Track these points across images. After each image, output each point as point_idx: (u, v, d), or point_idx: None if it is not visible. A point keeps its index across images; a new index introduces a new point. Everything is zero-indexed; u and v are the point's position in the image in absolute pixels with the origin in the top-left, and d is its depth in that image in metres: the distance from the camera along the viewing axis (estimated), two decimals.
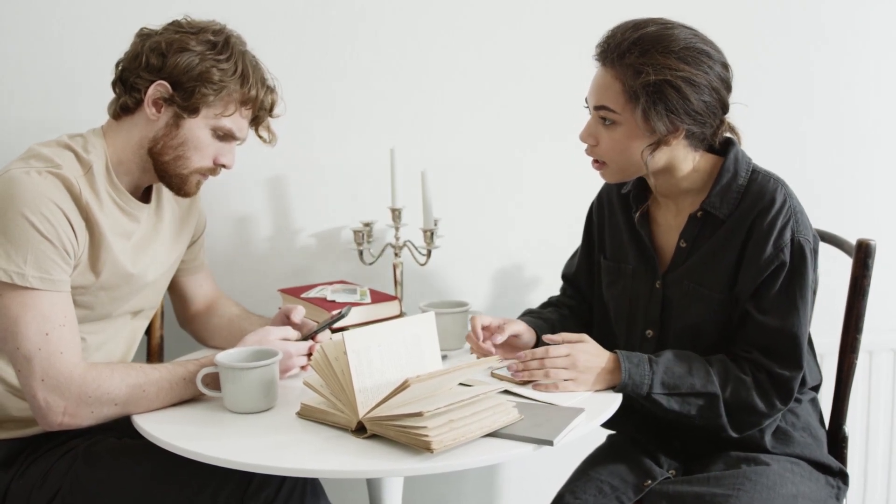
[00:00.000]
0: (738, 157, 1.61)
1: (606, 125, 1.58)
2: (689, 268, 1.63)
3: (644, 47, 1.51)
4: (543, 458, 1.43)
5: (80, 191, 1.50)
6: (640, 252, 1.71)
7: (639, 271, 1.70)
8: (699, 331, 1.62)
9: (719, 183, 1.59)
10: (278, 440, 1.38)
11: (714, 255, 1.60)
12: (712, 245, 1.60)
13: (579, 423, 1.39)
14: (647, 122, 1.53)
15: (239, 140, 1.64)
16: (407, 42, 2.14)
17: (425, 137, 2.16)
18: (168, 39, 1.56)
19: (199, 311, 1.87)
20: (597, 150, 1.61)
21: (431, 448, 1.25)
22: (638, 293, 1.70)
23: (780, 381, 1.54)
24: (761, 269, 1.54)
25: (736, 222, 1.58)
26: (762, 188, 1.58)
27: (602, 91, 1.56)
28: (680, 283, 1.63)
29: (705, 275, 1.60)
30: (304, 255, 2.17)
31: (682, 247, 1.64)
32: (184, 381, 1.50)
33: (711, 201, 1.59)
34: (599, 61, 1.58)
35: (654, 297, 1.67)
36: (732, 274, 1.58)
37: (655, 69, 1.49)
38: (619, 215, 1.77)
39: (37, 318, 1.43)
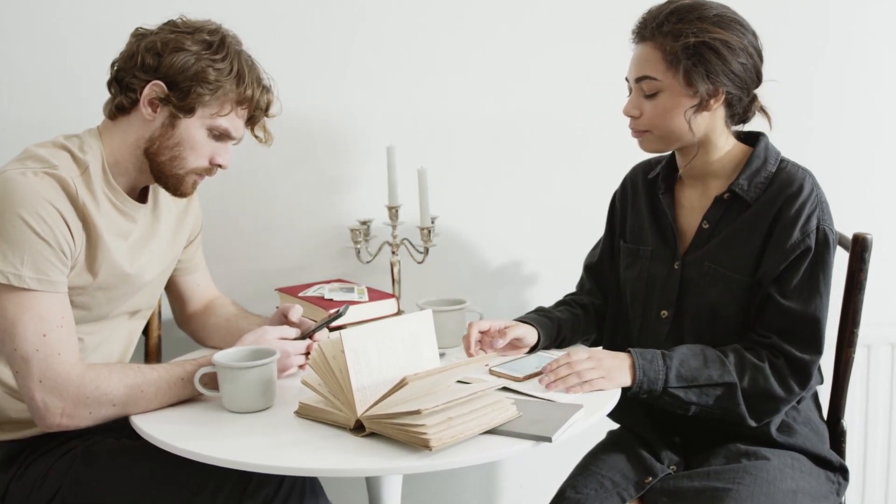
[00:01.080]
0: (767, 147, 1.67)
1: (649, 96, 1.62)
2: (710, 249, 1.65)
3: (680, 15, 1.58)
4: (542, 455, 1.43)
5: (76, 191, 1.49)
6: (661, 233, 1.74)
7: (658, 252, 1.73)
8: (717, 312, 1.63)
9: (749, 167, 1.64)
10: (277, 439, 1.38)
11: (737, 238, 1.62)
12: (736, 228, 1.63)
13: (578, 419, 1.39)
14: (690, 85, 1.58)
15: (235, 140, 1.64)
16: (405, 40, 2.14)
17: (423, 135, 2.16)
18: (164, 39, 1.56)
19: (197, 311, 1.87)
20: (640, 121, 1.65)
21: (430, 446, 1.25)
22: (655, 274, 1.72)
23: (798, 364, 1.56)
24: (787, 254, 1.57)
25: (762, 207, 1.61)
26: (791, 176, 1.62)
27: (642, 63, 1.62)
28: (699, 264, 1.65)
29: (726, 257, 1.63)
30: (301, 254, 2.17)
31: (704, 228, 1.67)
32: (182, 381, 1.50)
33: (740, 184, 1.63)
34: (637, 40, 1.64)
35: (672, 277, 1.69)
36: (756, 258, 1.60)
37: (694, 32, 1.56)
38: (641, 199, 1.80)
39: (34, 319, 1.43)
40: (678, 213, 1.73)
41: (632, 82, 1.66)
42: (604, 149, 2.17)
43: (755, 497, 1.48)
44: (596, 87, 2.16)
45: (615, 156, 1.86)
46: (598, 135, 2.19)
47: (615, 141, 1.78)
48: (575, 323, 1.82)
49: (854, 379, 1.84)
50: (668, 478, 1.58)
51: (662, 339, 1.68)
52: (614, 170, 1.90)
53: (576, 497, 1.57)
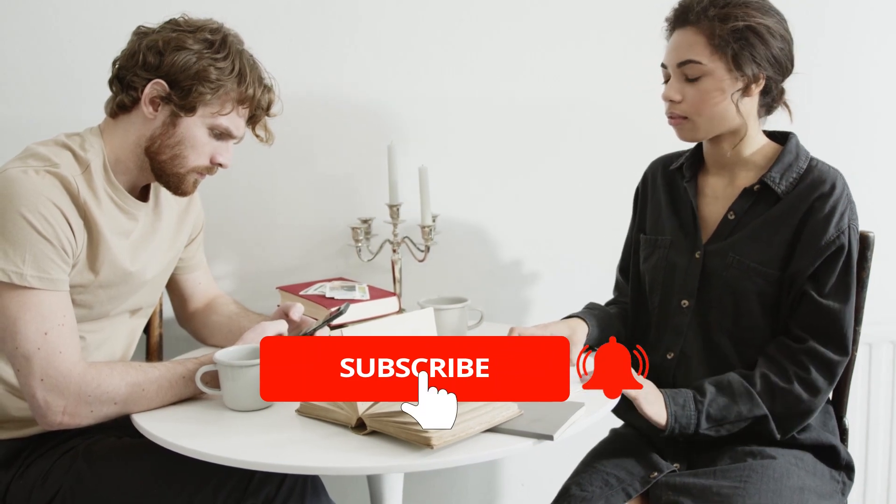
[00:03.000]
0: (798, 145, 1.68)
1: (691, 81, 1.62)
2: (736, 241, 1.65)
3: (723, 1, 1.60)
4: (544, 454, 1.43)
5: (77, 190, 1.49)
6: (681, 223, 1.74)
7: (677, 242, 1.73)
8: (741, 304, 1.64)
9: (781, 161, 1.64)
10: (278, 438, 1.38)
11: (765, 231, 1.62)
12: (764, 220, 1.63)
13: (579, 417, 1.38)
14: (737, 69, 1.59)
15: (236, 139, 1.64)
16: (406, 38, 2.14)
17: (423, 134, 2.16)
18: (165, 38, 1.55)
19: (198, 310, 1.87)
20: (680, 105, 1.64)
21: (431, 444, 1.26)
22: (674, 264, 1.72)
23: (830, 366, 1.57)
24: (821, 251, 1.57)
25: (793, 201, 1.61)
26: (823, 173, 1.62)
27: (685, 48, 1.62)
28: (723, 255, 1.65)
29: (753, 249, 1.63)
30: (302, 253, 2.17)
31: (729, 219, 1.67)
32: (183, 379, 1.51)
33: (772, 176, 1.63)
34: (676, 25, 1.64)
35: (693, 267, 1.68)
36: (785, 252, 1.61)
37: (740, 16, 1.57)
38: (661, 191, 1.80)
39: (36, 317, 1.43)
40: (701, 202, 1.73)
41: (671, 67, 1.65)
42: (606, 147, 2.17)
43: (762, 494, 1.48)
44: (598, 84, 2.16)
45: (617, 154, 1.86)
46: (600, 133, 2.19)
47: (618, 139, 1.78)
48: (625, 317, 1.84)
49: (856, 377, 1.84)
50: (674, 475, 1.58)
51: (684, 329, 1.69)
52: (617, 168, 1.90)
53: (581, 494, 1.56)
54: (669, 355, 1.71)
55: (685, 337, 1.67)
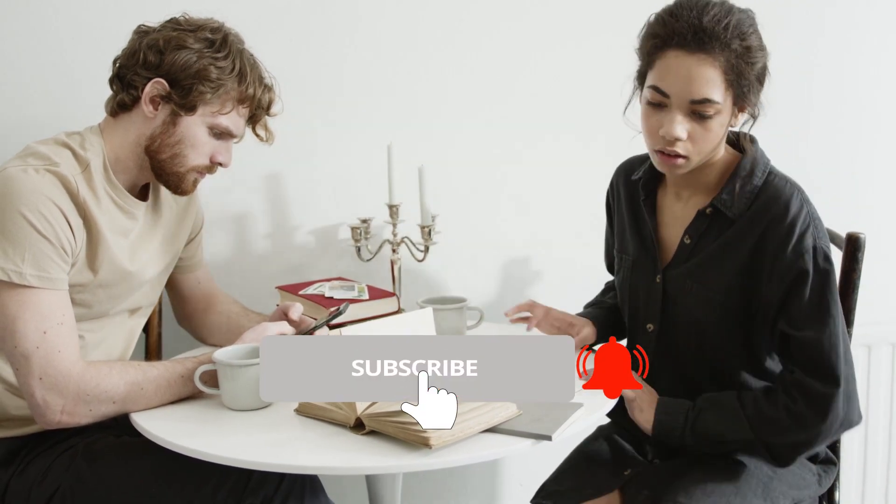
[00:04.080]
0: (756, 157, 1.56)
1: (702, 118, 1.47)
2: (692, 266, 1.58)
3: (741, 29, 1.46)
4: (543, 453, 1.43)
5: (77, 188, 1.50)
6: (642, 243, 1.66)
7: (639, 263, 1.66)
8: (704, 332, 1.58)
9: (734, 180, 1.54)
10: (277, 437, 1.38)
11: (721, 257, 1.54)
12: (719, 245, 1.55)
13: (578, 417, 1.39)
14: (740, 102, 1.49)
15: (236, 138, 1.64)
16: (405, 38, 2.14)
17: (423, 133, 2.16)
18: (166, 37, 1.56)
19: (198, 309, 1.87)
20: (684, 144, 1.49)
21: (430, 444, 1.26)
22: (638, 285, 1.66)
23: (816, 400, 1.47)
24: (783, 279, 1.48)
25: (747, 224, 1.52)
26: (778, 192, 1.51)
27: (703, 83, 1.45)
28: (682, 281, 1.58)
29: (710, 275, 1.55)
30: (301, 252, 2.17)
31: (685, 243, 1.59)
32: (182, 378, 1.51)
33: (723, 198, 1.54)
34: (683, 47, 1.45)
35: (654, 291, 1.62)
36: (744, 280, 1.52)
37: (759, 56, 1.48)
38: (624, 204, 1.72)
39: (35, 316, 1.43)
40: (660, 222, 1.64)
41: (679, 100, 1.47)
42: (605, 146, 2.17)
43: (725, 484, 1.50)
44: (597, 84, 2.16)
45: (618, 154, 1.85)
46: (599, 133, 2.19)
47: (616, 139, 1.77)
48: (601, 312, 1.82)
49: None
50: (649, 470, 1.59)
51: (651, 354, 1.58)
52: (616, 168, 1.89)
53: (555, 489, 1.58)
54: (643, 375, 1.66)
55: (651, 363, 1.54)
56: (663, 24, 1.48)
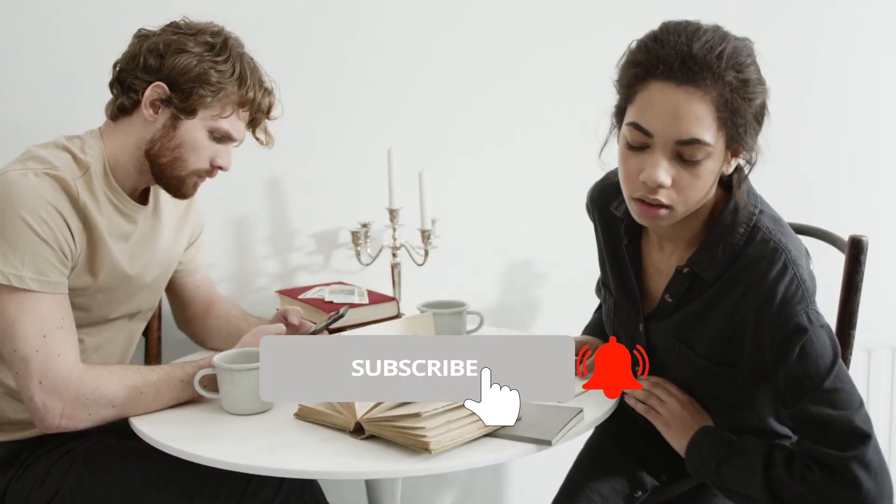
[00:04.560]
0: (737, 206, 1.35)
1: (689, 163, 1.28)
2: (675, 325, 1.43)
3: (738, 59, 1.26)
4: (543, 459, 1.43)
5: (77, 192, 1.50)
6: (623, 287, 1.52)
7: (621, 306, 1.53)
8: (693, 389, 1.45)
9: (711, 237, 1.36)
10: (276, 441, 1.38)
11: (700, 318, 1.40)
12: (699, 306, 1.40)
13: (577, 422, 1.38)
14: (737, 148, 1.31)
15: (236, 142, 1.64)
16: (405, 43, 2.14)
17: (423, 137, 2.16)
18: (166, 41, 1.56)
19: (197, 313, 1.87)
20: (668, 192, 1.30)
21: (429, 449, 1.25)
22: (621, 328, 1.54)
23: (835, 467, 1.26)
24: (774, 358, 1.31)
25: (724, 288, 1.35)
26: (759, 254, 1.32)
27: (693, 121, 1.25)
28: (664, 338, 1.45)
29: (691, 336, 1.42)
30: (301, 256, 2.17)
31: (667, 300, 1.43)
32: (181, 382, 1.50)
33: (699, 260, 1.37)
34: (670, 78, 1.26)
35: (638, 337, 1.50)
36: (720, 343, 1.38)
37: (758, 91, 1.28)
38: (602, 235, 1.58)
39: (34, 320, 1.43)
40: (644, 269, 1.49)
41: (664, 140, 1.27)
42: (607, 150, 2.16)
43: None
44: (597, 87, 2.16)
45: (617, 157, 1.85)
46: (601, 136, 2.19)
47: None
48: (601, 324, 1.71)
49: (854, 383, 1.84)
50: (658, 490, 1.55)
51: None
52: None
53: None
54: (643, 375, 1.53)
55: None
56: (647, 50, 1.28)
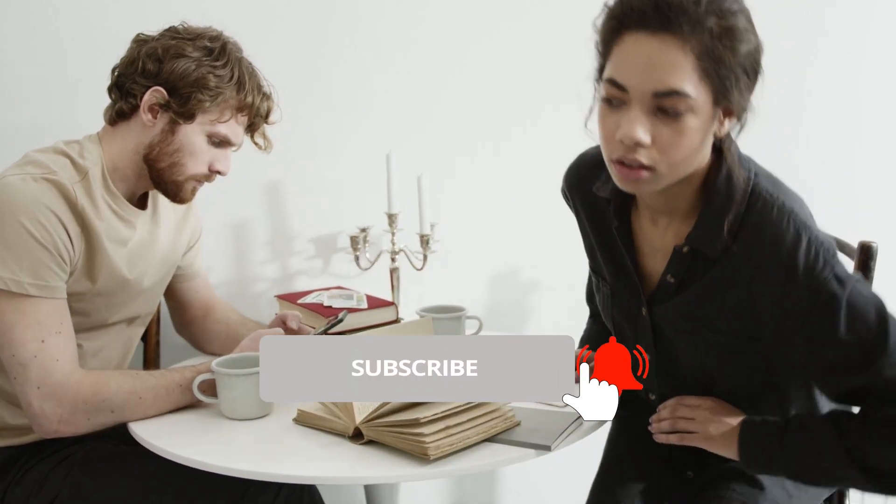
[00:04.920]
0: (731, 172, 1.25)
1: (668, 116, 1.17)
2: (682, 304, 1.33)
3: (721, 6, 1.15)
4: (542, 464, 1.43)
5: (76, 197, 1.49)
6: (619, 273, 1.41)
7: (619, 292, 1.42)
8: (710, 374, 1.36)
9: (708, 209, 1.26)
10: (275, 446, 1.37)
11: (711, 297, 1.30)
12: (706, 285, 1.30)
13: (576, 428, 1.38)
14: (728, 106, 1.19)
15: (234, 146, 1.64)
16: (403, 48, 2.14)
17: (422, 142, 2.16)
18: (164, 45, 1.56)
19: (196, 317, 1.87)
20: (649, 152, 1.19)
21: (428, 454, 1.25)
22: (622, 316, 1.44)
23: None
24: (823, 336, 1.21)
25: (732, 262, 1.26)
26: (765, 222, 1.23)
27: (668, 69, 1.14)
28: (672, 321, 1.35)
29: (704, 314, 1.31)
30: (300, 261, 2.16)
31: (668, 281, 1.33)
32: (180, 387, 1.50)
33: (699, 237, 1.27)
34: (644, 26, 1.16)
35: (642, 322, 1.40)
36: (739, 316, 1.28)
37: (744, 36, 1.16)
38: (586, 221, 1.47)
39: (32, 325, 1.43)
40: (638, 249, 1.38)
41: (639, 93, 1.17)
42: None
43: None
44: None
45: None
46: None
47: None
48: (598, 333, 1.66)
49: None
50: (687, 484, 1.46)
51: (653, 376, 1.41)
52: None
53: None
54: (651, 396, 1.48)
55: (658, 384, 1.40)
56: (621, 2, 1.20)
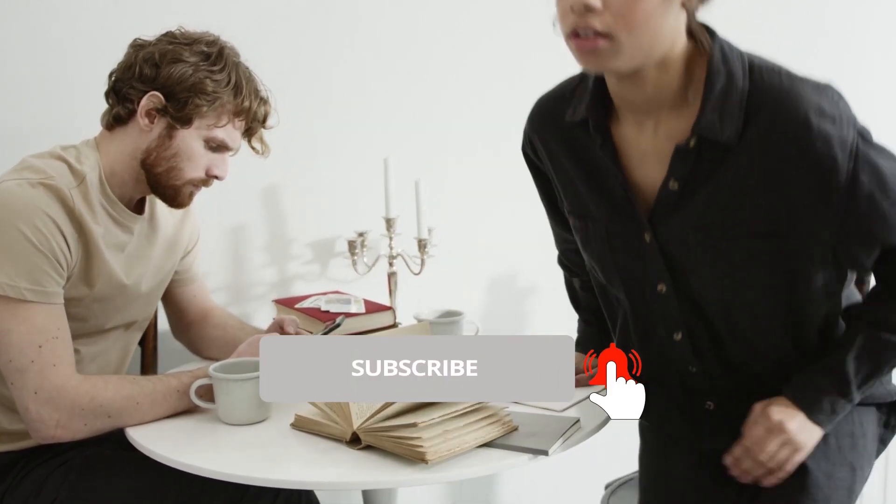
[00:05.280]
0: (724, 50, 1.16)
1: None
2: (690, 215, 1.22)
3: None
4: (539, 468, 1.43)
5: (73, 202, 1.49)
6: (610, 199, 1.29)
7: (614, 225, 1.30)
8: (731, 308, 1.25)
9: (711, 91, 1.15)
10: (273, 452, 1.37)
11: (730, 196, 1.18)
12: (719, 184, 1.18)
13: (574, 432, 1.38)
14: None
15: (232, 151, 1.64)
16: (401, 52, 2.15)
17: (420, 147, 2.16)
18: (162, 50, 1.56)
19: (194, 322, 1.86)
20: (602, 18, 1.10)
21: (426, 459, 1.25)
22: (624, 251, 1.31)
23: None
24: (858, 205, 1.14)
25: (753, 144, 1.15)
26: (774, 83, 1.15)
27: None
28: (681, 237, 1.23)
29: (720, 221, 1.19)
30: (298, 266, 2.16)
31: (671, 189, 1.22)
32: (177, 392, 1.50)
33: (707, 122, 1.15)
34: None
35: (649, 251, 1.27)
36: (769, 201, 1.16)
37: None
38: (562, 159, 1.35)
39: (30, 330, 1.43)
40: (626, 166, 1.25)
41: None
42: None
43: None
44: None
45: None
46: None
47: None
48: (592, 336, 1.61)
49: None
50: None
51: (674, 314, 1.31)
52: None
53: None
54: (677, 336, 1.34)
55: (680, 322, 1.30)
56: None
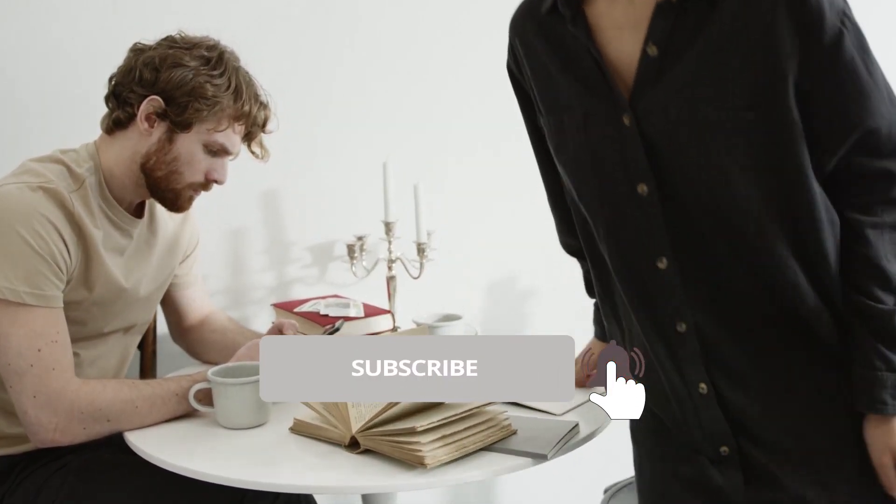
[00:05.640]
0: None
1: None
2: (673, 84, 1.12)
3: None
4: (538, 472, 1.43)
5: (72, 206, 1.49)
6: (586, 83, 1.19)
7: (592, 112, 1.19)
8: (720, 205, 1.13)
9: None
10: (271, 456, 1.37)
11: (715, 57, 1.09)
12: (705, 43, 1.10)
13: (573, 436, 1.38)
14: None
15: (231, 155, 1.64)
16: (400, 56, 2.15)
17: (419, 151, 2.16)
18: (162, 54, 1.56)
19: (193, 326, 1.86)
20: None
21: (425, 463, 1.25)
22: (600, 143, 1.19)
23: None
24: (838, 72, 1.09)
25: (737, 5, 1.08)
26: None
27: None
28: (664, 111, 1.13)
29: (705, 89, 1.10)
30: (297, 269, 2.17)
31: (650, 56, 1.12)
32: (176, 396, 1.50)
33: None
34: None
35: (629, 140, 1.15)
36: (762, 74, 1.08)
37: None
38: (539, 51, 1.26)
39: (29, 334, 1.43)
40: (601, 41, 1.16)
41: None
42: None
43: None
44: None
45: None
46: None
47: None
48: None
49: None
50: None
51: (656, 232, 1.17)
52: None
53: None
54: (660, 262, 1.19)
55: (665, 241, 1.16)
56: None
